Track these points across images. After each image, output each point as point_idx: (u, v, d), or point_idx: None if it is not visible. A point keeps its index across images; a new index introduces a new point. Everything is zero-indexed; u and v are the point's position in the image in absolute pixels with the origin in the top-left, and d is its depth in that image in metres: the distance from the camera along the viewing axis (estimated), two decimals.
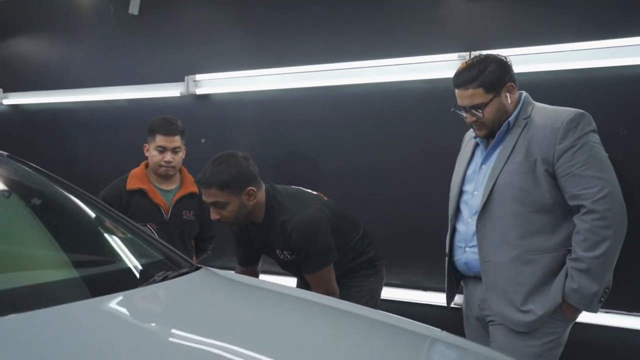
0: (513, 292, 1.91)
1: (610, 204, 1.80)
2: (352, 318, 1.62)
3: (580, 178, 1.82)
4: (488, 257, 1.95)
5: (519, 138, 1.93)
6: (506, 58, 1.99)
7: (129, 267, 1.71)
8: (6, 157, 1.91)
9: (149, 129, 2.63)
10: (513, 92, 1.97)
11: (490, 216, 1.94)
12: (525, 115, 1.96)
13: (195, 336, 1.26)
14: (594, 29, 2.54)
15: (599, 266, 1.81)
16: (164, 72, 3.66)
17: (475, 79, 1.93)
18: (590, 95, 2.56)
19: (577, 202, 1.83)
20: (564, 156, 1.84)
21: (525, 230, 1.89)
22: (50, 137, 4.13)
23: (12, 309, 1.20)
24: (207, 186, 2.13)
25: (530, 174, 1.88)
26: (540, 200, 1.88)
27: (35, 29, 4.27)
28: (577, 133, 1.85)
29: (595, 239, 1.80)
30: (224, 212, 2.16)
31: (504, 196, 1.91)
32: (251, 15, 3.45)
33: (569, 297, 1.85)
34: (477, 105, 1.95)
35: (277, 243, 2.22)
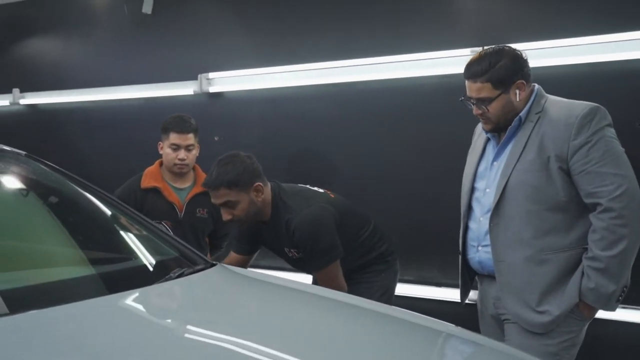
0: (528, 292, 1.87)
1: (627, 202, 1.75)
2: (366, 314, 1.63)
3: (596, 175, 1.77)
4: (502, 257, 1.91)
5: (532, 134, 1.87)
6: (522, 53, 1.92)
7: (145, 264, 1.73)
8: (24, 156, 1.94)
9: (162, 127, 2.65)
10: (523, 90, 1.90)
11: (503, 215, 1.90)
12: (538, 110, 1.90)
13: (212, 332, 1.28)
14: (607, 22, 2.51)
15: (617, 265, 1.76)
16: (177, 71, 3.68)
17: (485, 72, 1.88)
18: (604, 89, 2.53)
19: (593, 200, 1.78)
20: (578, 152, 1.79)
21: (539, 229, 1.85)
22: (66, 136, 4.18)
23: (31, 306, 1.22)
24: (216, 187, 2.17)
25: (543, 171, 1.83)
26: (554, 198, 1.83)
27: (50, 29, 4.31)
28: (592, 128, 1.79)
29: (612, 237, 1.75)
30: (235, 211, 2.19)
31: (516, 195, 1.87)
32: (262, 12, 3.46)
33: (586, 296, 1.81)
34: (483, 99, 1.90)
35: (285, 242, 2.25)
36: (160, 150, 2.67)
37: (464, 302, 2.16)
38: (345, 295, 1.80)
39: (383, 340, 1.43)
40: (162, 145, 2.66)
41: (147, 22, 3.81)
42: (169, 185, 2.65)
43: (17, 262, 1.54)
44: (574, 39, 2.55)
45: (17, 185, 1.90)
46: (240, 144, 3.47)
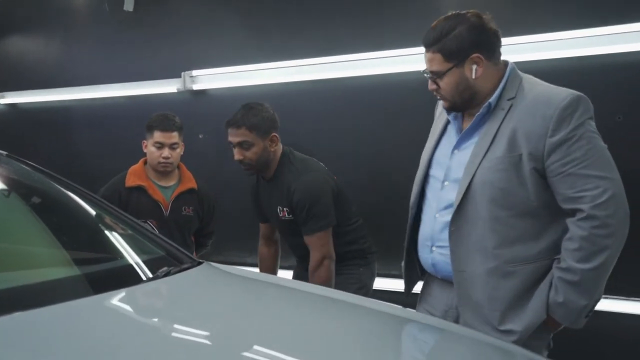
0: (489, 309, 1.62)
1: (614, 209, 1.50)
2: (354, 309, 1.63)
3: (577, 178, 1.51)
4: (462, 266, 1.65)
5: (502, 125, 1.60)
6: (487, 22, 1.63)
7: (131, 263, 1.72)
8: (5, 156, 1.91)
9: (147, 126, 2.64)
10: (481, 65, 1.62)
11: (465, 219, 1.63)
12: (511, 95, 1.62)
13: (200, 331, 1.27)
14: (589, 16, 2.54)
15: (593, 279, 1.54)
16: (160, 69, 3.66)
17: (436, 42, 1.63)
18: (586, 83, 2.56)
19: (573, 206, 1.53)
20: (557, 151, 1.53)
21: (505, 237, 1.59)
22: (48, 136, 4.14)
23: (16, 307, 1.20)
24: (238, 126, 2.29)
25: (512, 171, 1.57)
26: (524, 202, 1.58)
27: (31, 27, 4.26)
28: (574, 122, 1.52)
29: (593, 249, 1.51)
30: (247, 153, 2.30)
31: (481, 197, 1.60)
32: (247, 9, 3.45)
33: (553, 310, 1.58)
34: (434, 73, 1.66)
35: (280, 200, 2.33)
36: (145, 149, 2.66)
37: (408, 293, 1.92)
38: (331, 290, 1.80)
39: (372, 335, 1.44)
40: (146, 143, 2.65)
41: (128, 20, 3.78)
42: (153, 184, 2.64)
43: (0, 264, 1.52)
44: (555, 33, 2.58)
45: None
46: (224, 142, 3.45)
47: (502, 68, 1.68)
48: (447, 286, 1.74)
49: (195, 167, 2.83)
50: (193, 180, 2.73)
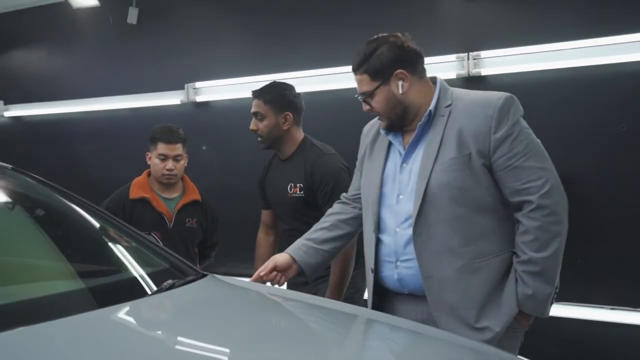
0: (464, 308, 1.65)
1: (557, 197, 1.63)
2: (361, 322, 1.63)
3: (522, 170, 1.62)
4: (430, 271, 1.67)
5: (446, 129, 1.68)
6: (404, 40, 1.73)
7: (136, 276, 1.71)
8: (10, 169, 1.92)
9: (151, 138, 2.64)
10: (407, 81, 1.71)
11: (427, 223, 1.66)
12: (447, 103, 1.71)
13: (206, 344, 1.27)
14: (591, 27, 2.55)
15: (553, 266, 1.64)
16: (163, 81, 3.68)
17: (361, 64, 1.74)
18: (590, 93, 2.57)
19: (521, 198, 1.63)
20: (501, 147, 1.62)
21: (469, 235, 1.65)
22: (52, 148, 4.15)
23: (20, 322, 1.20)
24: (256, 96, 2.42)
25: (466, 170, 1.64)
26: (481, 199, 1.65)
27: (35, 41, 4.29)
28: (511, 119, 1.64)
29: (547, 237, 1.61)
30: (260, 124, 2.40)
31: (440, 198, 1.65)
32: (249, 21, 3.47)
33: (524, 304, 1.65)
34: (365, 93, 1.76)
35: (295, 176, 2.38)
36: (149, 161, 2.67)
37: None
38: (339, 303, 1.79)
39: (372, 344, 1.43)
40: (150, 155, 2.65)
41: (132, 33, 3.81)
42: (157, 196, 2.64)
43: (4, 278, 1.51)
44: (558, 43, 2.60)
45: (3, 199, 1.87)
46: (228, 153, 3.48)
47: (429, 83, 1.78)
48: (412, 300, 1.76)
49: (199, 179, 2.84)
50: (197, 192, 2.73)
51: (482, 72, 2.77)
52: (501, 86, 2.73)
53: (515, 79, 2.71)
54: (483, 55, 2.77)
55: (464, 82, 2.81)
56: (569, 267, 2.57)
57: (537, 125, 2.64)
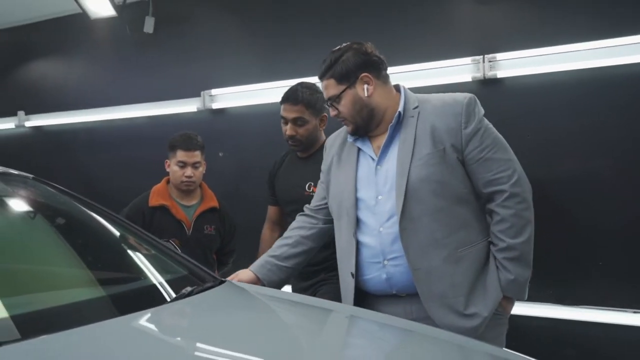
0: (453, 296, 1.73)
1: (524, 185, 1.75)
2: (383, 329, 1.62)
3: (492, 162, 1.74)
4: (418, 264, 1.73)
5: (417, 127, 1.77)
6: (367, 47, 1.83)
7: (155, 283, 1.73)
8: (32, 179, 1.95)
9: (169, 145, 2.67)
10: (371, 84, 1.80)
11: (411, 218, 1.72)
12: (414, 105, 1.81)
13: (225, 351, 1.27)
14: (607, 27, 2.52)
15: (528, 250, 1.75)
16: (180, 88, 3.71)
17: (328, 69, 1.83)
18: (607, 94, 2.55)
19: (494, 188, 1.74)
20: (472, 141, 1.74)
21: (451, 226, 1.74)
22: (72, 157, 4.20)
23: (42, 330, 1.21)
24: (295, 103, 2.34)
25: (443, 164, 1.74)
26: (458, 191, 1.75)
27: (53, 51, 4.36)
28: (477, 115, 1.76)
29: (521, 223, 1.72)
30: (300, 129, 2.36)
31: (421, 193, 1.72)
32: (263, 28, 3.49)
33: (507, 289, 1.75)
34: (331, 98, 1.84)
35: (316, 176, 2.27)
36: (167, 168, 2.69)
37: None
38: (358, 309, 1.78)
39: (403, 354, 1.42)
40: (169, 162, 2.68)
41: (149, 41, 3.85)
42: (176, 203, 2.66)
43: (26, 286, 1.54)
44: (573, 44, 2.57)
45: (25, 209, 1.91)
46: (244, 160, 3.49)
47: (393, 89, 1.88)
48: (398, 301, 1.81)
49: (216, 185, 2.86)
50: (215, 199, 2.75)
51: (498, 74, 2.75)
52: (517, 88, 2.73)
53: (531, 81, 2.69)
54: (499, 58, 2.76)
55: (479, 84, 2.80)
56: (591, 270, 2.56)
57: (554, 126, 2.64)
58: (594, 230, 2.58)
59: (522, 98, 2.71)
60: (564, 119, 2.65)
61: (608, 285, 2.57)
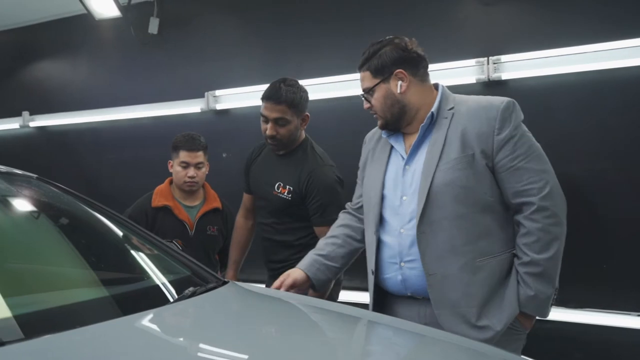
0: (465, 305, 1.67)
1: (557, 200, 1.67)
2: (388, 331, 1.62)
3: (524, 171, 1.66)
4: (433, 269, 1.69)
5: (449, 130, 1.72)
6: (408, 43, 1.79)
7: (158, 284, 1.73)
8: (36, 179, 1.95)
9: (172, 146, 2.67)
10: (406, 81, 1.77)
11: (430, 222, 1.69)
12: (449, 106, 1.77)
13: (228, 352, 1.27)
14: (610, 29, 2.52)
15: (553, 267, 1.67)
16: (184, 89, 3.72)
17: (365, 62, 1.82)
18: (611, 96, 2.54)
19: (522, 200, 1.67)
20: (504, 148, 1.67)
21: (472, 233, 1.68)
22: (76, 157, 4.21)
23: (46, 330, 1.22)
24: (279, 102, 2.27)
25: (469, 170, 1.68)
26: (483, 198, 1.69)
27: (58, 52, 4.37)
28: (514, 122, 1.69)
29: (548, 238, 1.64)
30: (282, 129, 2.30)
31: (444, 197, 1.68)
32: (268, 29, 3.49)
33: (526, 306, 1.68)
34: (365, 90, 1.83)
35: (286, 177, 2.32)
36: (170, 169, 2.70)
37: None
38: (364, 311, 1.78)
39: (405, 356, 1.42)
40: (172, 163, 2.69)
41: (153, 42, 3.86)
42: (179, 204, 2.67)
43: (30, 286, 1.54)
44: (579, 47, 2.57)
45: (29, 208, 1.91)
46: None
47: (431, 88, 1.83)
48: (413, 303, 1.78)
49: (219, 186, 2.86)
50: (218, 199, 2.75)
51: (502, 76, 2.75)
52: (522, 90, 2.72)
53: (535, 83, 2.69)
54: (503, 60, 2.75)
55: (483, 86, 2.79)
56: (594, 273, 2.55)
57: (558, 128, 2.64)
58: (598, 233, 2.57)
59: (526, 100, 2.68)
60: (568, 121, 2.64)
61: (612, 289, 2.56)
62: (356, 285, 3.03)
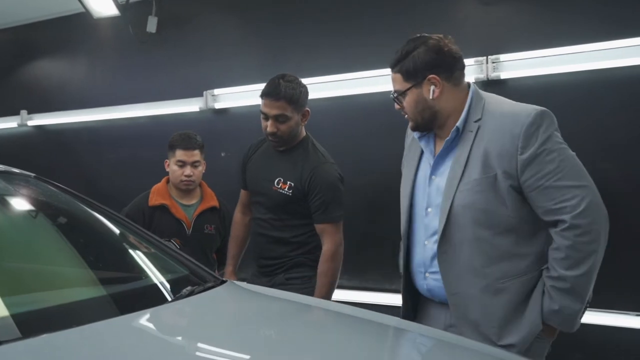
0: (485, 326, 1.65)
1: (594, 216, 1.55)
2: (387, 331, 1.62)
3: (555, 190, 1.56)
4: (455, 289, 1.68)
5: (473, 147, 1.65)
6: (444, 44, 1.69)
7: (156, 283, 1.72)
8: (33, 178, 1.95)
9: (169, 145, 2.67)
10: (439, 87, 1.69)
11: (451, 243, 1.67)
12: (477, 117, 1.67)
13: (226, 351, 1.27)
14: (609, 29, 2.51)
15: (583, 284, 1.58)
16: (182, 88, 3.71)
17: (397, 62, 1.72)
18: (610, 95, 2.54)
19: (554, 217, 1.58)
20: (530, 167, 1.57)
21: (491, 256, 1.63)
22: (74, 156, 4.21)
23: (44, 329, 1.21)
24: (278, 98, 2.24)
25: (491, 191, 1.61)
26: (505, 220, 1.62)
27: (57, 51, 4.36)
28: (541, 137, 1.57)
29: (579, 255, 1.56)
30: (282, 126, 2.27)
31: (464, 219, 1.64)
32: (266, 28, 3.49)
33: (549, 319, 1.62)
34: (396, 92, 1.75)
35: (287, 173, 2.30)
36: (167, 168, 2.69)
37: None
38: (361, 310, 1.78)
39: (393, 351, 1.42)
40: (168, 162, 2.68)
41: (151, 41, 3.85)
42: (176, 203, 2.66)
43: (27, 285, 1.54)
44: (578, 46, 2.56)
45: (27, 207, 1.91)
46: None
47: (465, 90, 1.73)
48: (444, 307, 1.76)
49: (218, 185, 2.85)
50: (215, 198, 2.74)
51: (502, 75, 2.75)
52: (521, 90, 2.72)
53: (534, 82, 2.69)
54: (502, 59, 2.75)
55: (482, 86, 2.78)
56: None
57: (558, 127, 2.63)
58: None
59: (525, 99, 2.64)
60: (567, 120, 2.61)
61: (612, 289, 2.56)
62: (355, 285, 3.04)
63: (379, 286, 3.03)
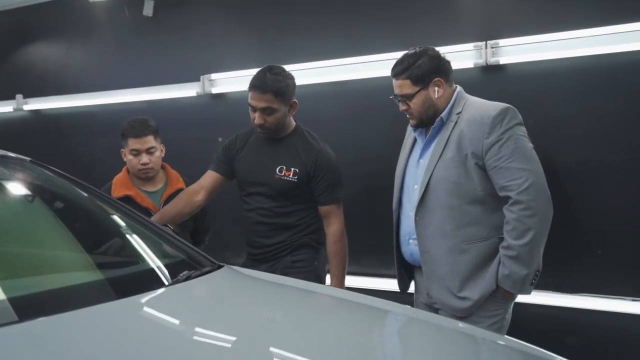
0: (450, 280, 2.03)
1: (535, 194, 1.91)
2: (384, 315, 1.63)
3: (506, 170, 1.93)
4: (427, 248, 2.07)
5: (452, 133, 2.03)
6: (441, 54, 2.11)
7: (152, 267, 1.73)
8: (29, 162, 1.94)
9: (121, 134, 2.57)
10: (441, 87, 2.07)
11: (427, 209, 2.05)
12: (458, 111, 2.06)
13: (225, 335, 1.27)
14: (609, 14, 2.49)
15: (527, 252, 1.92)
16: (179, 73, 3.68)
17: (405, 70, 2.07)
18: (610, 81, 2.53)
19: (504, 193, 1.94)
20: (491, 150, 1.95)
21: (460, 221, 2.00)
22: (70, 141, 4.19)
23: (40, 313, 1.22)
24: (264, 91, 2.27)
25: (462, 168, 1.99)
26: (473, 192, 1.99)
27: (52, 34, 4.32)
28: (503, 127, 1.95)
29: (522, 227, 1.91)
30: (269, 118, 2.30)
31: (438, 190, 2.02)
32: (263, 12, 3.46)
33: (502, 282, 1.98)
34: (405, 95, 2.09)
35: (288, 160, 2.33)
36: (124, 158, 2.60)
37: (404, 292, 2.31)
38: (357, 295, 1.79)
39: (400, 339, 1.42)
40: (124, 152, 2.59)
41: (148, 25, 3.81)
42: (140, 191, 2.56)
43: (24, 269, 1.54)
44: (577, 31, 2.54)
45: (23, 192, 1.90)
46: None
47: (454, 89, 2.13)
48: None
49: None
50: (181, 179, 2.64)
51: (501, 60, 2.73)
52: (520, 75, 2.71)
53: (534, 68, 2.67)
54: (501, 44, 2.73)
55: (481, 71, 2.77)
56: (589, 258, 2.56)
57: (556, 113, 2.63)
58: (593, 218, 2.58)
59: (525, 85, 2.69)
60: (566, 105, 2.63)
61: (606, 274, 2.57)
62: (351, 270, 3.03)
63: (375, 271, 3.04)
